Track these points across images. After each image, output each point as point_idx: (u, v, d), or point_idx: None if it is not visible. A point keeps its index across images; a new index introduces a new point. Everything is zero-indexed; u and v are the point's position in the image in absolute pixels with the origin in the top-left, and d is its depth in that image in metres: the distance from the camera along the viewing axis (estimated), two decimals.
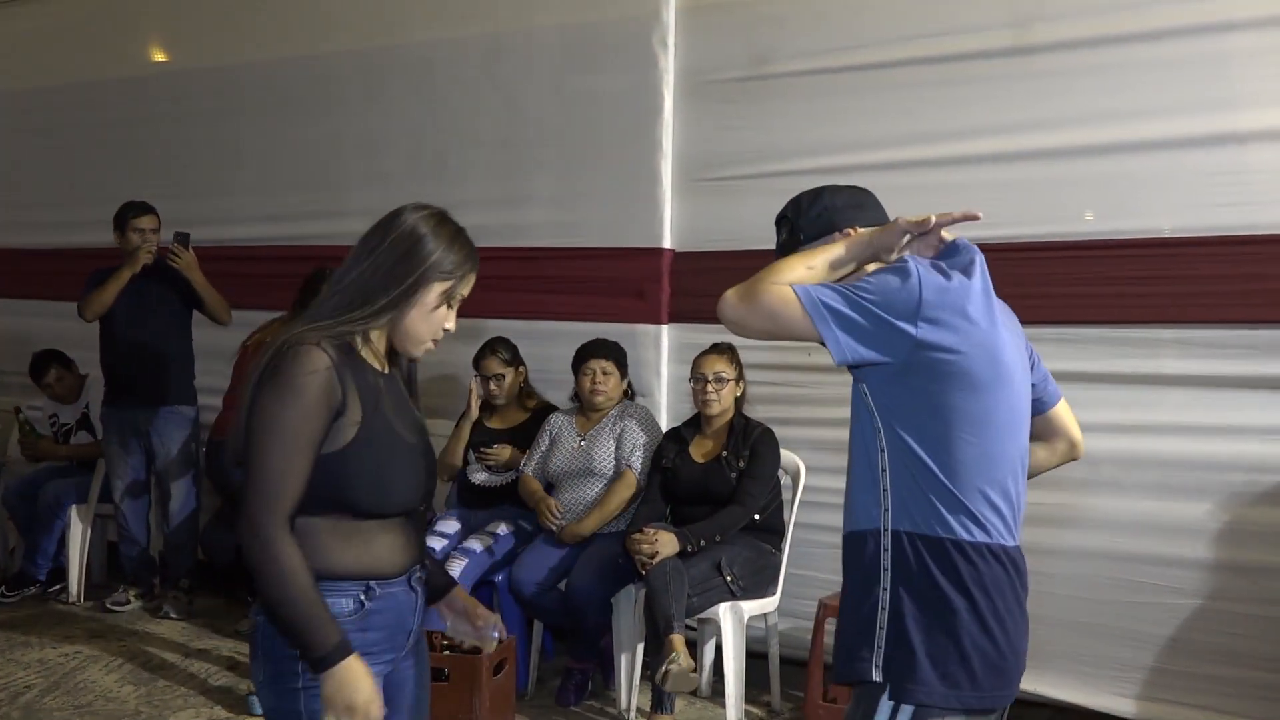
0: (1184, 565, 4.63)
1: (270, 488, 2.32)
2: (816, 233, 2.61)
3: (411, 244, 2.49)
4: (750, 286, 2.43)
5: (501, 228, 6.20)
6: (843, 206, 2.65)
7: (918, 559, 2.41)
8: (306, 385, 2.34)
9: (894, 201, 5.12)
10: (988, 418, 2.44)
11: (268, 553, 2.30)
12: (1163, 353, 4.67)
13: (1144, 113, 4.65)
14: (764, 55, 5.50)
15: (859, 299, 2.36)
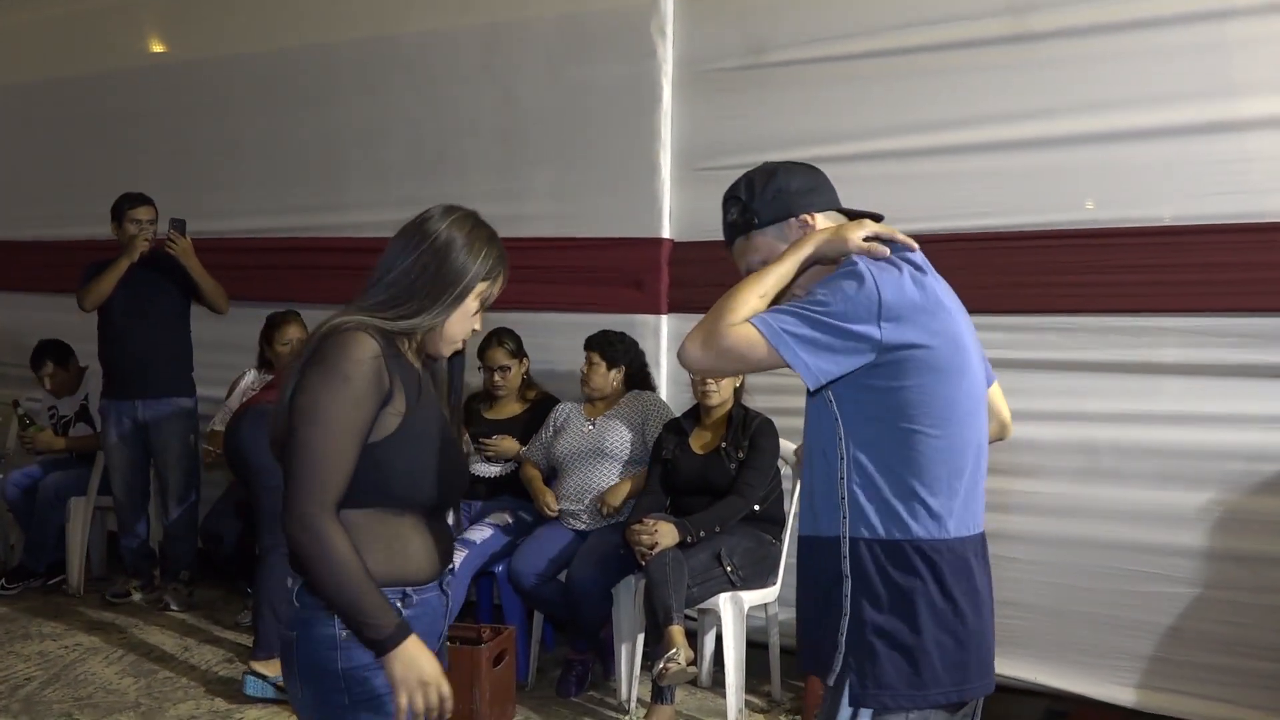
0: (1184, 554, 4.62)
1: (317, 477, 2.29)
2: (772, 216, 2.57)
3: (453, 252, 2.52)
4: (709, 331, 2.41)
5: (500, 218, 6.06)
6: (798, 190, 2.60)
7: (877, 565, 2.41)
8: (354, 373, 2.33)
9: (893, 190, 5.17)
10: (952, 407, 2.45)
11: (321, 544, 2.28)
12: (1163, 341, 4.65)
13: (1143, 100, 4.63)
14: (762, 44, 5.49)
15: (819, 317, 2.33)
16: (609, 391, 5.59)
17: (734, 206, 2.61)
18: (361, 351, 2.34)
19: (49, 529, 6.94)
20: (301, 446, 2.31)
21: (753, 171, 2.65)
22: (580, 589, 5.10)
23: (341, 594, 2.29)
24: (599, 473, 5.45)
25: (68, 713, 5.08)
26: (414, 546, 2.46)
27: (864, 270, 2.37)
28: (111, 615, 6.45)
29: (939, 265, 2.64)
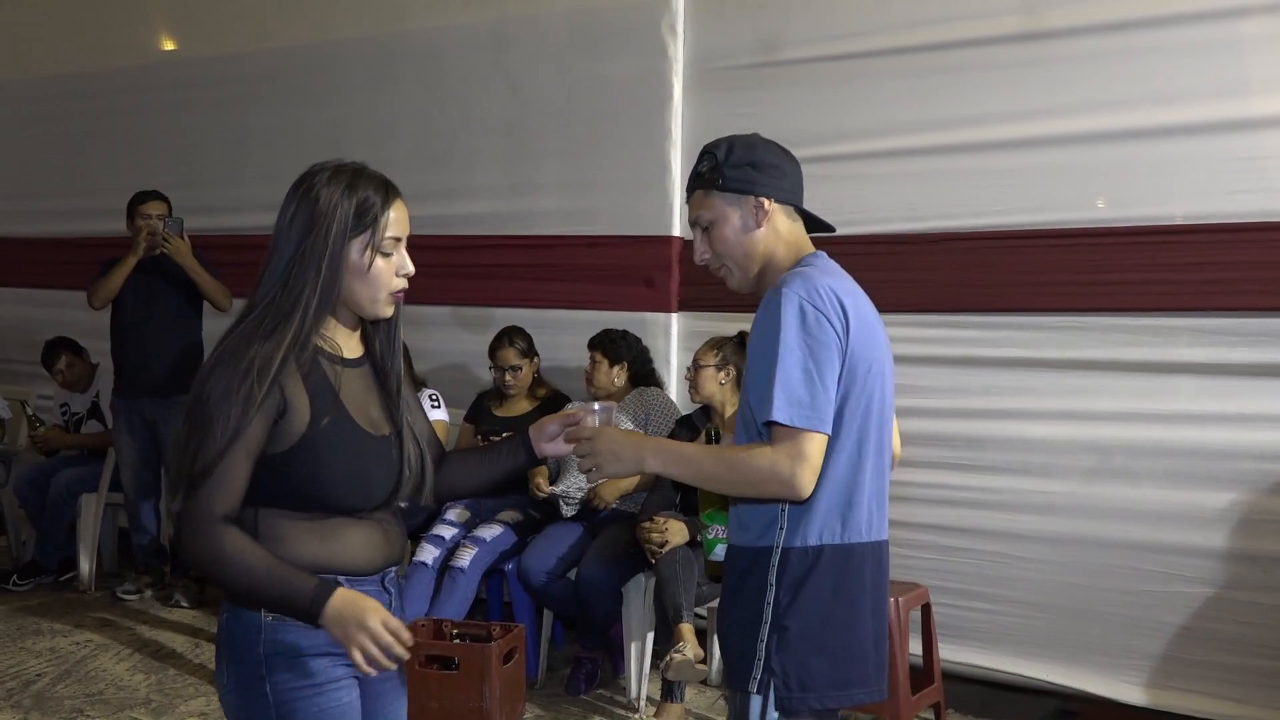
0: (1194, 554, 4.61)
1: (205, 493, 2.24)
2: (734, 187, 2.62)
3: (307, 217, 2.36)
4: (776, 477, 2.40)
5: (509, 216, 6.20)
6: (769, 171, 2.65)
7: (806, 570, 2.49)
8: (235, 398, 2.25)
9: (904, 187, 5.16)
10: (876, 410, 2.55)
11: (213, 542, 2.23)
12: (1175, 340, 4.64)
13: (1156, 98, 4.61)
14: (773, 42, 5.48)
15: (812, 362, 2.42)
16: (613, 389, 5.59)
17: (706, 160, 2.67)
18: (242, 377, 2.26)
19: (60, 526, 6.95)
20: (194, 460, 2.27)
21: (738, 137, 2.71)
22: (590, 587, 5.09)
23: (250, 578, 2.25)
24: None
25: (79, 709, 5.09)
26: (349, 539, 2.39)
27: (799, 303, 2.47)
28: (122, 612, 6.46)
29: (950, 264, 2.69)
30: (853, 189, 5.14)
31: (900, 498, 5.08)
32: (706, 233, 2.66)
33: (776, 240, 2.64)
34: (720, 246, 2.64)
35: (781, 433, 2.37)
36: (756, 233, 2.62)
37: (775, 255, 2.64)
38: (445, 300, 6.23)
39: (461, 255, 6.22)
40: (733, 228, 2.62)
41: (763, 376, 2.42)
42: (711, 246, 2.66)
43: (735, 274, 2.67)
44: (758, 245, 2.63)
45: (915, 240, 5.07)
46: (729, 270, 2.68)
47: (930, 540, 5.07)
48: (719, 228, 2.63)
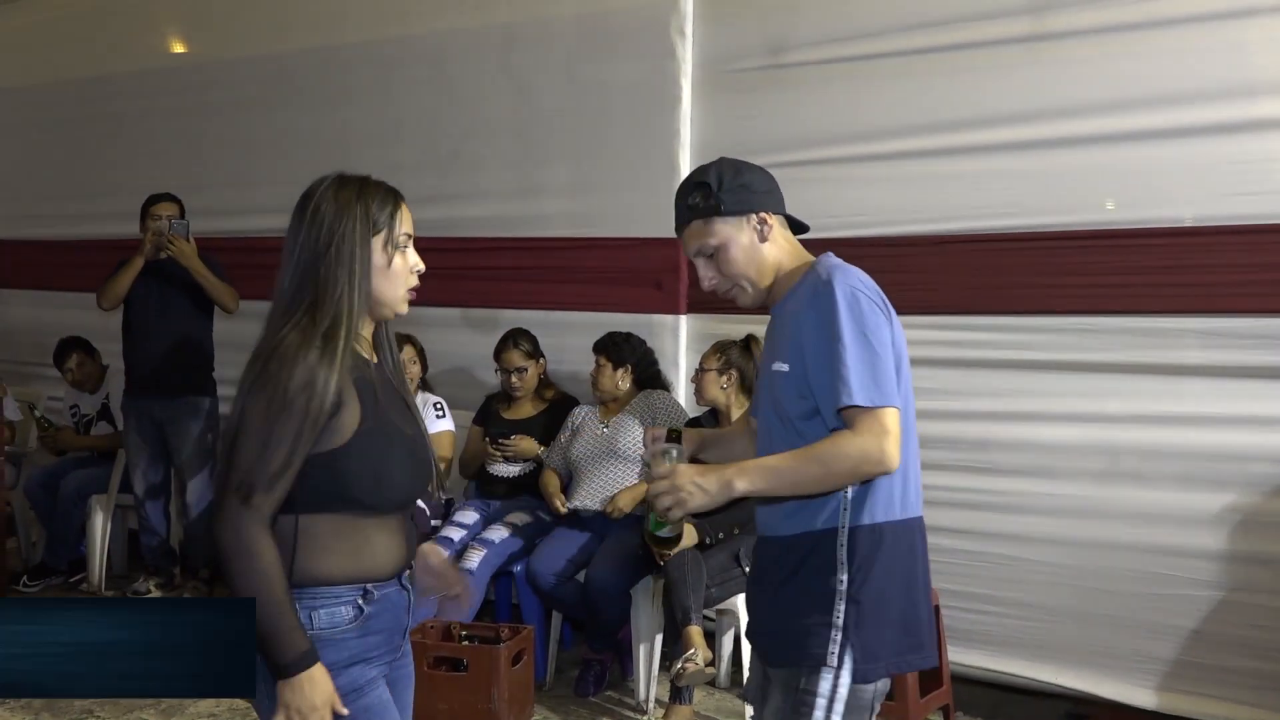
0: (1205, 556, 4.60)
1: (254, 492, 2.28)
2: (735, 209, 2.70)
3: (326, 224, 2.45)
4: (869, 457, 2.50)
5: (517, 218, 6.20)
6: (761, 189, 2.75)
7: (874, 547, 2.60)
8: (295, 397, 2.31)
9: (912, 190, 5.15)
10: (909, 393, 2.67)
11: (250, 557, 2.27)
12: (1184, 343, 4.63)
13: (1164, 101, 4.61)
14: (781, 44, 5.47)
15: (873, 344, 2.53)
16: (618, 393, 5.59)
17: (697, 191, 2.73)
18: (303, 374, 2.32)
19: (70, 527, 6.96)
20: (240, 461, 2.31)
21: (717, 163, 2.80)
22: (599, 589, 5.09)
23: (259, 611, 2.26)
24: (614, 474, 5.44)
25: (89, 709, 5.09)
26: (377, 545, 2.44)
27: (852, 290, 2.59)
28: None
29: (959, 265, 2.72)
30: (861, 191, 5.15)
31: None
32: (711, 259, 2.74)
33: (781, 250, 2.75)
34: (732, 268, 2.72)
35: (861, 414, 2.47)
36: (764, 247, 2.72)
37: (783, 265, 2.75)
38: (453, 302, 6.23)
39: (470, 258, 6.22)
40: (741, 247, 2.71)
41: (828, 365, 2.51)
42: (720, 270, 2.73)
43: (749, 291, 2.75)
44: (768, 258, 2.73)
45: (923, 242, 5.06)
46: (741, 289, 2.75)
47: (939, 543, 5.02)
48: (727, 251, 2.71)
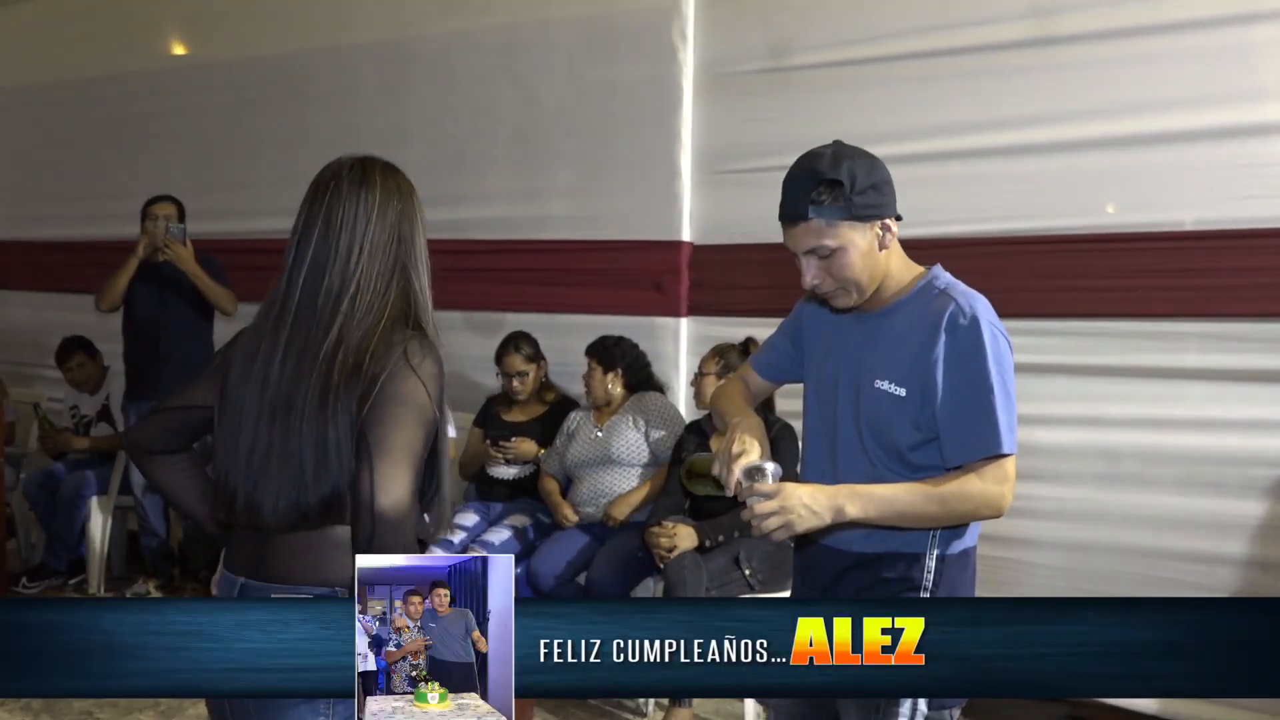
0: (1206, 560, 4.59)
1: (417, 460, 2.21)
2: (866, 214, 2.55)
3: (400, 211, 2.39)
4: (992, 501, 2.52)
5: (520, 220, 6.21)
6: (885, 187, 2.60)
7: (960, 570, 2.61)
8: (436, 380, 2.26)
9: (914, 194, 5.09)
10: None
11: (407, 518, 2.18)
12: (1185, 346, 4.63)
13: (1165, 105, 4.61)
14: (783, 47, 5.48)
15: (1011, 391, 2.55)
16: (610, 396, 5.58)
17: (827, 190, 2.53)
18: (436, 366, 2.27)
19: (70, 528, 6.95)
20: (401, 431, 2.20)
21: (848, 156, 2.59)
22: (599, 591, 5.09)
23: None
24: (610, 478, 5.44)
25: (88, 710, 5.09)
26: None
27: (991, 330, 2.57)
28: None
29: (960, 268, 2.71)
30: None
31: None
32: (825, 260, 2.57)
33: (894, 255, 2.64)
34: (846, 272, 2.56)
35: (991, 460, 2.48)
36: (881, 254, 2.60)
37: (892, 270, 2.64)
38: (455, 305, 6.23)
39: (472, 260, 6.22)
40: (860, 253, 2.56)
41: (974, 411, 2.49)
42: (831, 273, 2.57)
43: (854, 295, 2.62)
44: (881, 266, 2.61)
45: (925, 245, 4.94)
46: (846, 293, 2.62)
47: None
48: (845, 255, 2.55)
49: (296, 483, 2.24)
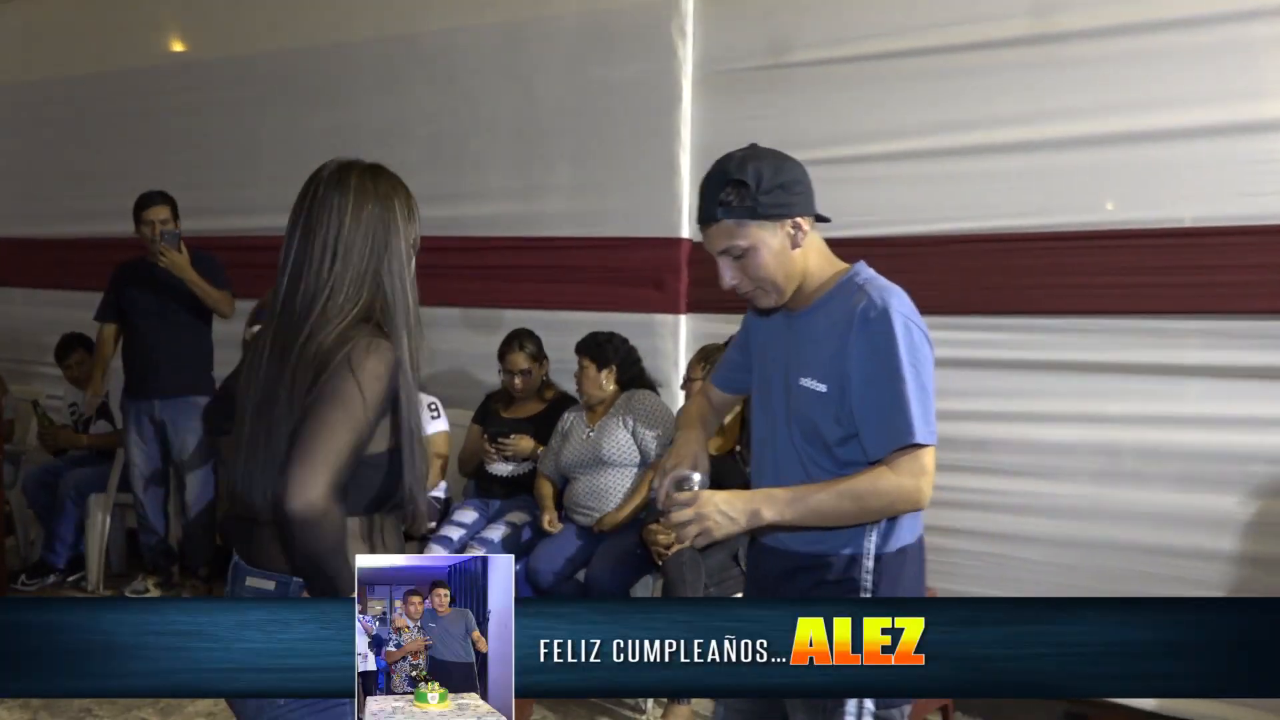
0: (1206, 557, 4.59)
1: (338, 461, 2.21)
2: (773, 213, 2.58)
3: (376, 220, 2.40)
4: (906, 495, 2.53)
5: (519, 217, 6.21)
6: (799, 191, 2.62)
7: (901, 566, 2.63)
8: (384, 377, 2.29)
9: (913, 191, 5.15)
10: None
11: (328, 517, 2.19)
12: (1185, 343, 4.63)
13: (1165, 101, 4.60)
14: (783, 44, 5.47)
15: (925, 382, 2.54)
16: (603, 395, 5.55)
17: (733, 190, 2.57)
18: (388, 357, 2.30)
19: (69, 525, 6.96)
20: (327, 429, 2.22)
21: (755, 156, 2.64)
22: (598, 588, 5.09)
23: (327, 570, 2.22)
24: (604, 479, 5.42)
25: (87, 708, 5.09)
26: (389, 540, 2.43)
27: (904, 321, 2.55)
28: None
29: (958, 266, 2.73)
30: (862, 191, 5.14)
31: None
32: (738, 260, 2.61)
33: (811, 256, 2.65)
34: (760, 272, 2.60)
35: (904, 453, 2.48)
36: (794, 253, 2.61)
37: (810, 268, 2.65)
38: (455, 302, 6.23)
39: (472, 257, 6.22)
40: (772, 252, 2.58)
41: (886, 402, 2.48)
42: (747, 273, 2.61)
43: (772, 295, 2.65)
44: (797, 264, 2.62)
45: (924, 243, 5.06)
46: (764, 293, 2.65)
47: (938, 543, 5.04)
48: (757, 255, 2.58)
49: (276, 475, 2.27)
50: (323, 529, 2.19)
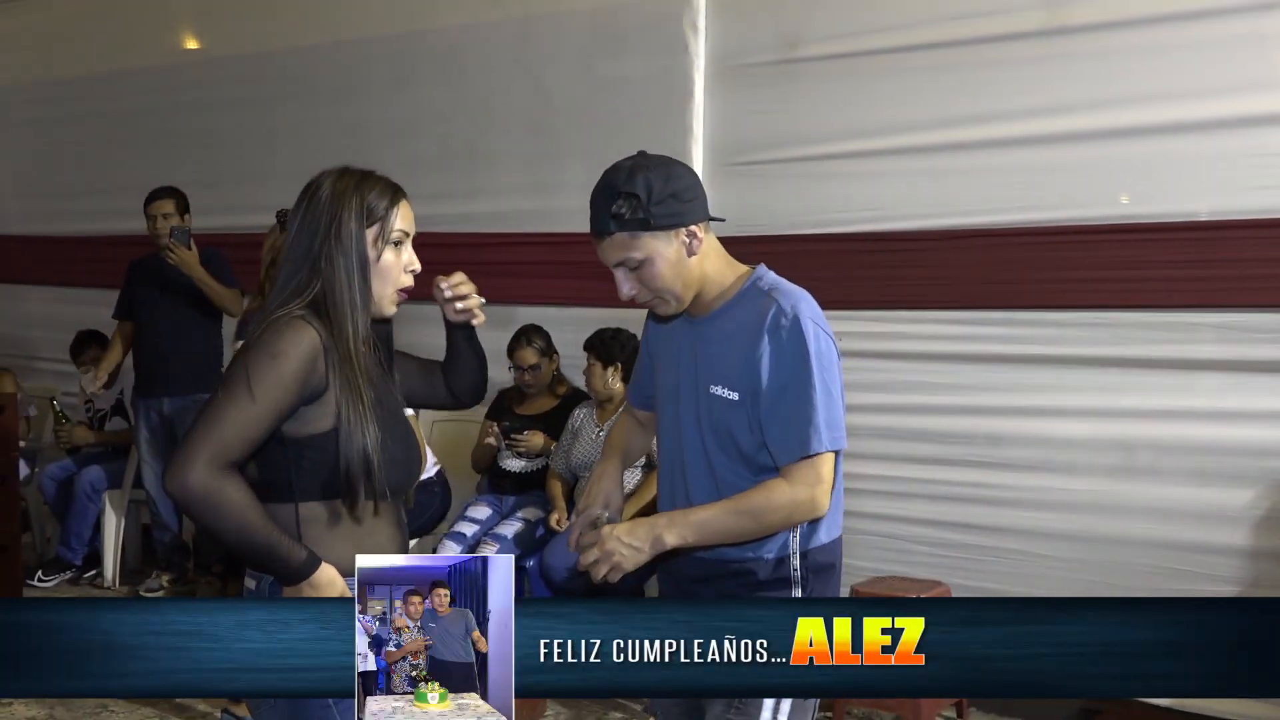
0: (1221, 552, 4.57)
1: (218, 441, 2.23)
2: (666, 224, 2.54)
3: (323, 215, 2.40)
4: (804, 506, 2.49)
5: (531, 213, 6.20)
6: (691, 198, 2.59)
7: (829, 560, 2.61)
8: (289, 352, 2.28)
9: (925, 185, 5.13)
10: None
11: (214, 497, 2.21)
12: (1199, 337, 4.61)
13: (1179, 94, 4.58)
14: (795, 39, 5.45)
15: (833, 389, 2.51)
16: (611, 392, 5.52)
17: (624, 202, 2.54)
18: (302, 338, 2.30)
19: (84, 522, 6.98)
20: (210, 410, 2.27)
21: (644, 167, 2.60)
22: (612, 584, 5.07)
23: (245, 533, 2.24)
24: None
25: (102, 703, 5.11)
26: (379, 535, 2.40)
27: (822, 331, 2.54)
28: None
29: (972, 261, 2.71)
30: (875, 186, 5.13)
31: (923, 495, 5.11)
32: (635, 271, 2.58)
33: (710, 261, 2.63)
34: (658, 283, 2.57)
35: (803, 461, 2.46)
36: (691, 261, 2.58)
37: (708, 274, 2.63)
38: None
39: (484, 253, 6.21)
40: (668, 262, 2.55)
41: (794, 410, 2.47)
42: (645, 284, 2.58)
43: (672, 304, 2.62)
44: (694, 271, 2.59)
45: (937, 237, 5.04)
46: (664, 302, 2.62)
47: (952, 538, 5.05)
48: (653, 266, 2.55)
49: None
50: (214, 509, 2.22)
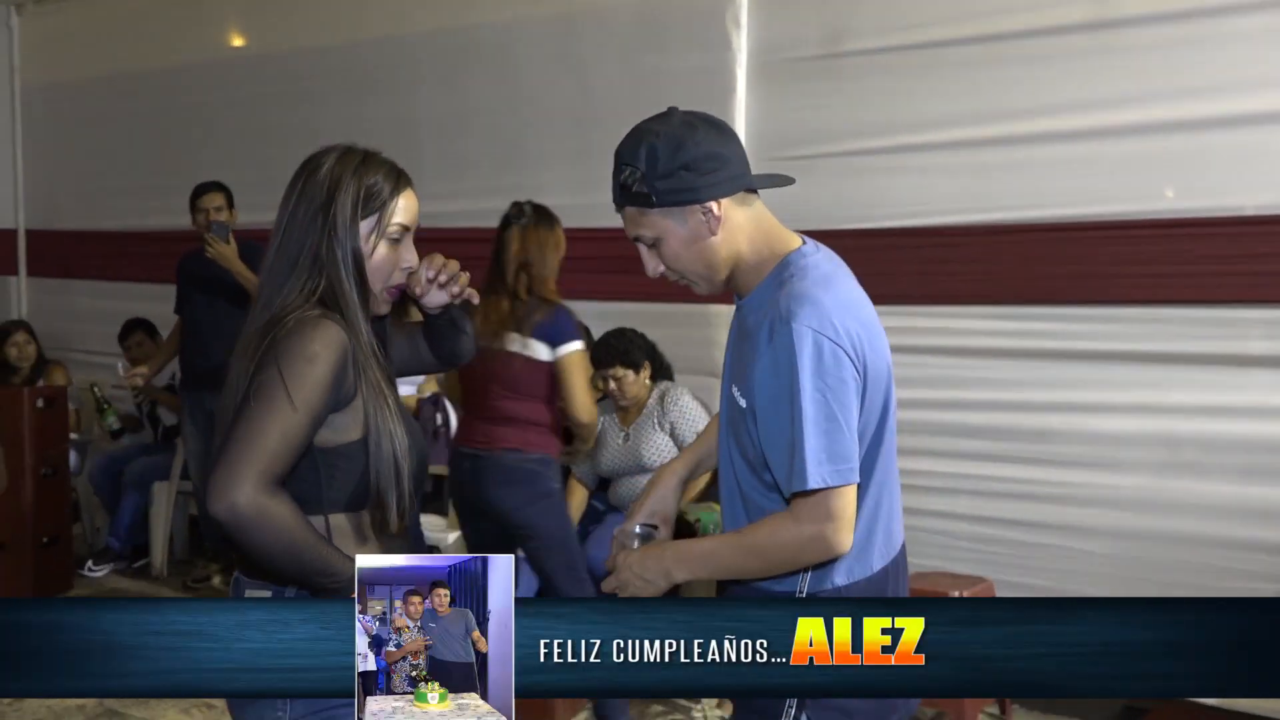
0: (1267, 550, 4.54)
1: (266, 456, 2.11)
2: (671, 200, 2.23)
3: (317, 200, 2.33)
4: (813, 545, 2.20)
5: (575, 208, 6.17)
6: (706, 170, 2.23)
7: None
8: (322, 357, 2.16)
9: (970, 179, 5.10)
10: (889, 432, 2.37)
11: (264, 515, 2.09)
12: (1247, 333, 4.58)
13: (1226, 88, 4.56)
14: (837, 33, 5.44)
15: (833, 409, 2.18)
16: (643, 396, 5.46)
17: (627, 172, 2.26)
18: (330, 336, 2.18)
19: (133, 513, 7.07)
20: (248, 423, 2.15)
21: (655, 131, 2.26)
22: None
23: (296, 560, 2.13)
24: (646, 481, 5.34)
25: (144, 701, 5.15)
26: (396, 543, 2.32)
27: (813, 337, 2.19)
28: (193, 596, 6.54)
29: (1016, 255, 2.62)
30: (920, 180, 5.12)
31: (968, 491, 5.09)
32: (654, 248, 2.32)
33: (737, 238, 2.31)
34: (675, 263, 2.31)
35: (804, 499, 2.17)
36: (712, 240, 2.28)
37: (741, 254, 2.32)
38: None
39: None
40: (682, 242, 2.27)
41: (781, 431, 2.19)
42: (666, 263, 2.32)
43: (702, 285, 2.36)
44: (717, 252, 2.29)
45: (981, 231, 5.02)
46: (692, 282, 2.36)
47: (997, 534, 5.03)
48: (666, 245, 2.29)
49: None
50: (263, 530, 2.10)
